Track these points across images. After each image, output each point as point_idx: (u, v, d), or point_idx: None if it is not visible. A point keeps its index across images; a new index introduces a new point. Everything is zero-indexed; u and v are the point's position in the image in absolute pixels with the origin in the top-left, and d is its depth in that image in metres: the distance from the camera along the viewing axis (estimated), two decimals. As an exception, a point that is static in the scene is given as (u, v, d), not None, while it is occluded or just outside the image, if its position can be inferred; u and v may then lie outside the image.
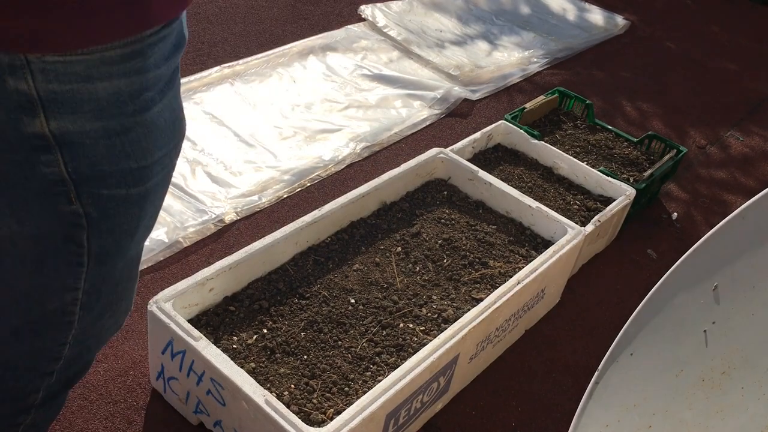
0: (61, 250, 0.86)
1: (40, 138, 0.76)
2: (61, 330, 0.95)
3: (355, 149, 2.35)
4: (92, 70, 0.75)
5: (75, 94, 0.75)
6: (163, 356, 1.43)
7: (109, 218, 0.86)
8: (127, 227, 0.89)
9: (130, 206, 0.87)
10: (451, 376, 1.57)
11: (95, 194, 0.83)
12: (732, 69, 3.44)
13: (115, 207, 0.85)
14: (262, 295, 1.59)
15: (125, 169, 0.83)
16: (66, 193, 0.81)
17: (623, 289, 2.07)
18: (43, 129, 0.76)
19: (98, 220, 0.85)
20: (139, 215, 0.90)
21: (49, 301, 0.91)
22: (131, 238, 0.92)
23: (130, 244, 0.93)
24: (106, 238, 0.88)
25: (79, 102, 0.76)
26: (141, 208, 0.89)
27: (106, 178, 0.82)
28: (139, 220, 0.91)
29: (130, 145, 0.82)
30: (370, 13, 3.16)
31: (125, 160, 0.83)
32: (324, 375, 1.45)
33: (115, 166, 0.82)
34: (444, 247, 1.83)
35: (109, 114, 0.79)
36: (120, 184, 0.84)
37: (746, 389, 1.01)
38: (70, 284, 0.90)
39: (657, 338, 1.12)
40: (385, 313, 1.61)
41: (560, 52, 3.24)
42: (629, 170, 2.33)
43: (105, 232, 0.87)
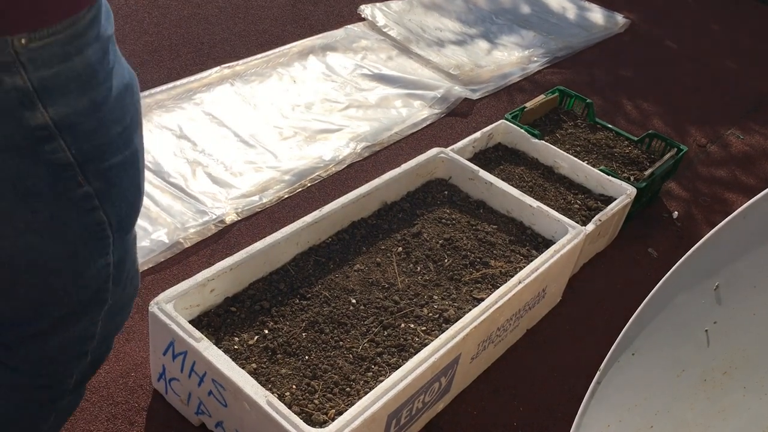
0: (84, 232, 0.90)
1: (43, 128, 0.80)
2: (98, 307, 1.00)
3: (355, 149, 2.35)
4: (67, 47, 0.79)
5: (61, 75, 0.79)
6: (165, 357, 1.43)
7: (115, 187, 0.91)
8: (130, 191, 0.95)
9: (127, 169, 0.92)
10: (452, 376, 1.57)
11: (99, 169, 0.87)
12: (732, 67, 3.44)
13: (117, 175, 0.90)
14: (263, 296, 1.59)
15: (114, 134, 0.88)
16: (74, 177, 0.85)
17: (624, 289, 2.07)
18: (45, 119, 0.79)
19: (107, 192, 0.90)
20: (136, 176, 0.95)
21: (88, 283, 0.96)
22: (137, 201, 0.98)
23: (137, 207, 0.98)
24: (119, 206, 0.93)
25: (66, 82, 0.80)
26: (136, 169, 0.95)
27: (103, 149, 0.87)
28: (138, 181, 0.96)
29: (110, 112, 0.86)
30: (370, 13, 3.16)
31: (113, 126, 0.87)
32: (325, 375, 1.45)
33: (106, 136, 0.87)
34: (445, 247, 1.83)
35: (89, 86, 0.83)
36: (115, 152, 0.88)
37: (748, 389, 1.01)
38: (102, 261, 0.95)
39: (658, 338, 1.12)
40: (386, 313, 1.61)
41: (560, 51, 3.24)
42: (630, 169, 2.33)
43: (116, 201, 0.92)
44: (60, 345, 1.00)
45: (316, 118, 2.47)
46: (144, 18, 2.83)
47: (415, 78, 2.78)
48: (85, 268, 0.94)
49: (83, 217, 0.89)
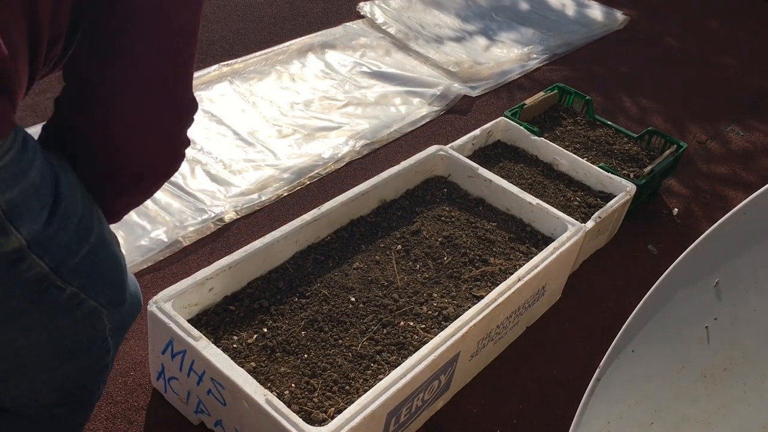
0: (79, 323, 0.91)
1: (17, 251, 0.79)
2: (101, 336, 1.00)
3: (354, 147, 2.35)
4: (23, 161, 0.78)
5: (23, 192, 0.78)
6: (164, 356, 1.43)
7: (93, 276, 0.90)
8: (109, 273, 0.94)
9: (98, 254, 0.91)
10: (452, 374, 1.56)
11: (71, 267, 0.86)
12: (732, 64, 3.43)
13: (91, 263, 0.89)
14: (262, 295, 1.59)
15: (73, 227, 0.86)
16: (54, 284, 0.84)
17: (624, 285, 2.06)
18: (19, 241, 0.79)
19: (89, 284, 0.89)
20: (110, 256, 0.94)
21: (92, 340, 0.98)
22: (120, 278, 0.97)
23: (123, 283, 0.98)
24: (104, 291, 0.93)
25: (28, 198, 0.79)
26: (106, 249, 0.93)
27: (70, 247, 0.85)
28: (115, 260, 0.96)
29: (65, 207, 0.85)
30: (369, 10, 3.15)
31: (70, 219, 0.85)
32: (325, 374, 1.45)
33: (70, 233, 0.85)
34: (444, 245, 1.82)
35: (44, 192, 0.81)
36: (80, 243, 0.87)
37: (748, 385, 1.01)
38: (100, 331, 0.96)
39: (658, 335, 1.12)
40: (385, 311, 1.61)
41: (559, 48, 3.23)
42: (629, 166, 2.32)
43: (100, 288, 0.92)
44: (84, 373, 1.03)
45: (315, 116, 2.46)
46: (142, 16, 2.82)
47: (414, 75, 2.78)
48: (80, 338, 0.95)
49: (74, 313, 0.90)
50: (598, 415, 1.13)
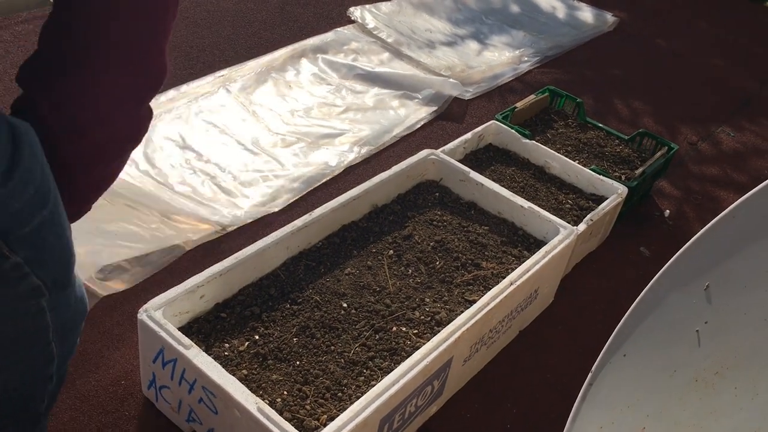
0: (17, 299, 0.86)
1: None
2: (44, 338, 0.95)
3: (360, 153, 2.34)
4: None
5: None
6: (155, 365, 1.42)
7: (42, 249, 0.87)
8: (57, 249, 0.90)
9: (50, 229, 0.88)
10: (445, 379, 1.56)
11: (20, 236, 0.82)
12: (722, 65, 3.45)
13: (41, 237, 0.86)
14: (253, 302, 1.58)
15: (28, 196, 0.83)
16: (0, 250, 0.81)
17: (616, 288, 2.06)
18: None
19: (36, 258, 0.85)
20: (61, 233, 0.91)
21: (31, 332, 0.92)
22: (69, 258, 0.93)
23: (71, 263, 0.93)
24: (52, 268, 0.89)
25: None
26: (59, 226, 0.90)
27: (22, 216, 0.82)
28: (65, 238, 0.92)
29: (22, 174, 0.81)
30: (360, 15, 3.15)
31: (27, 188, 0.82)
32: (317, 381, 1.44)
33: (23, 201, 0.82)
34: (436, 249, 1.82)
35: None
36: (33, 214, 0.84)
37: (739, 389, 1.01)
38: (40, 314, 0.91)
39: (650, 339, 1.11)
40: (377, 316, 1.61)
41: (550, 51, 3.24)
42: (621, 168, 2.32)
43: (48, 263, 0.88)
44: (21, 380, 0.97)
45: (317, 123, 2.45)
46: (132, 22, 2.81)
47: (409, 76, 2.77)
48: (21, 324, 0.90)
49: (15, 287, 0.85)
50: (591, 421, 1.13)
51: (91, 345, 1.61)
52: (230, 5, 3.10)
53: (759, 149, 2.85)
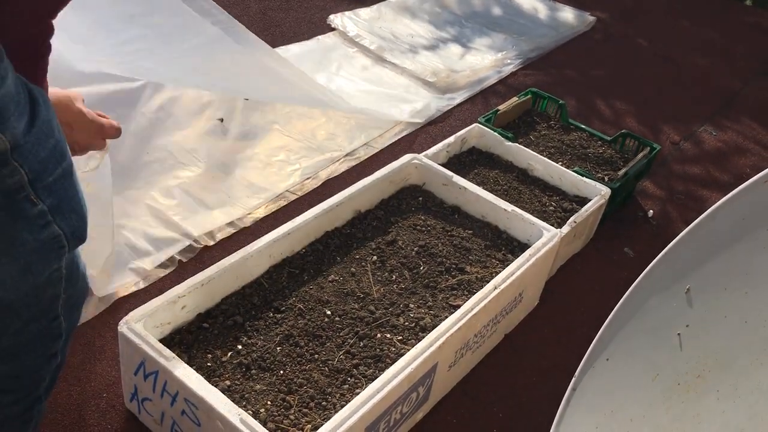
0: (40, 247, 0.92)
1: (2, 154, 0.82)
2: (54, 305, 1.02)
3: (337, 164, 2.31)
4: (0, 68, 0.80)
5: (4, 96, 0.81)
6: (136, 377, 1.41)
7: (63, 200, 0.93)
8: (75, 200, 0.96)
9: (68, 180, 0.94)
10: (430, 385, 1.55)
11: (45, 185, 0.89)
12: (704, 64, 3.47)
13: (62, 187, 0.92)
14: (236, 311, 1.57)
15: (50, 148, 0.89)
16: (27, 197, 0.87)
17: (601, 289, 2.06)
18: (3, 143, 0.81)
19: (58, 206, 0.92)
20: (76, 186, 0.97)
21: (46, 295, 0.98)
22: (84, 210, 0.99)
23: (86, 216, 1.00)
24: (70, 218, 0.94)
25: (8, 102, 0.81)
26: (74, 179, 0.96)
27: (45, 165, 0.88)
28: (79, 191, 0.98)
29: (42, 124, 0.88)
30: (340, 23, 3.13)
31: (46, 140, 0.89)
32: (301, 390, 1.43)
33: (47, 151, 0.89)
34: (420, 254, 1.81)
35: (21, 102, 0.84)
36: (55, 165, 0.90)
37: (721, 392, 1.01)
38: (56, 269, 0.97)
39: (632, 343, 1.11)
40: (362, 323, 1.60)
41: (532, 52, 3.25)
42: (604, 169, 2.33)
43: (67, 213, 0.94)
44: (30, 349, 1.02)
45: (296, 134, 2.41)
46: (112, 30, 2.79)
47: (394, 91, 2.74)
48: (39, 279, 0.95)
49: (38, 233, 0.91)
50: (575, 425, 1.13)
51: (73, 357, 1.59)
52: (211, 11, 3.08)
53: (741, 148, 2.87)
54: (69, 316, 1.06)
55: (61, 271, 0.98)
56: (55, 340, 1.05)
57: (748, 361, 0.98)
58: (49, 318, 1.02)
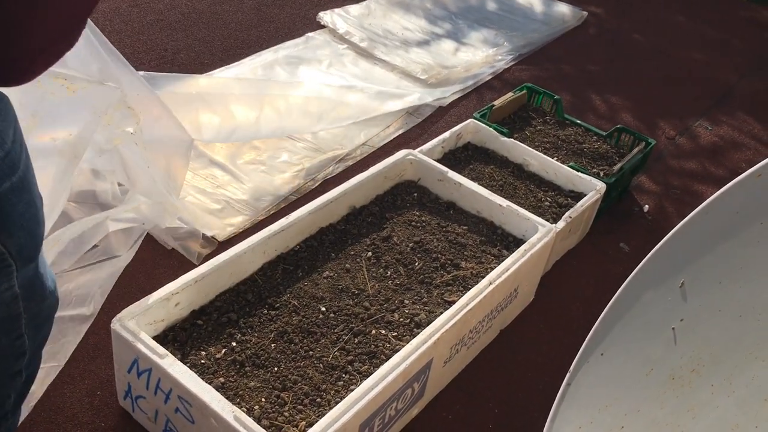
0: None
1: None
2: (14, 324, 0.95)
3: (331, 164, 2.30)
4: None
5: None
6: (130, 375, 1.40)
7: (9, 216, 0.85)
8: (26, 218, 0.89)
9: (19, 196, 0.86)
10: (425, 382, 1.55)
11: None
12: (699, 58, 3.46)
13: (9, 203, 0.85)
14: (230, 308, 1.56)
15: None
16: None
17: (597, 284, 2.06)
18: None
19: (2, 222, 0.84)
20: (31, 201, 0.90)
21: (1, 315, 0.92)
22: (37, 228, 0.92)
23: (39, 234, 0.93)
24: (17, 236, 0.88)
25: None
26: (29, 193, 0.89)
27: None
28: (34, 207, 0.91)
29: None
30: (330, 20, 3.10)
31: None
32: (295, 387, 1.43)
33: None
34: (415, 250, 1.81)
35: None
36: (1, 179, 0.83)
37: (716, 386, 1.00)
38: (7, 288, 0.90)
39: (626, 337, 1.11)
40: (356, 320, 1.59)
41: (524, 48, 3.23)
42: (599, 164, 2.33)
43: (13, 230, 0.87)
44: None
45: (288, 134, 2.39)
46: (105, 27, 2.78)
47: (385, 88, 2.72)
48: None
49: None
50: (569, 420, 1.12)
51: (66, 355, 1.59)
52: (205, 7, 3.08)
53: (736, 142, 2.87)
54: (35, 334, 1.01)
55: (14, 290, 0.91)
56: (18, 359, 0.99)
57: (743, 355, 0.98)
58: (11, 337, 0.96)
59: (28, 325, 0.97)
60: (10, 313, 0.93)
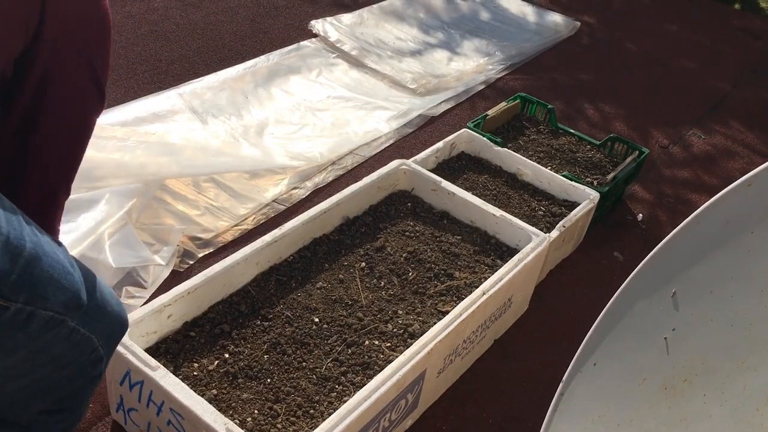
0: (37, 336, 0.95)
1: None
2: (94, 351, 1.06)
3: (324, 173, 2.30)
4: None
5: None
6: (122, 387, 1.39)
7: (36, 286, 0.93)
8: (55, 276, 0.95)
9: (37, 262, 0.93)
10: (419, 392, 1.54)
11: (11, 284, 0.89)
12: (692, 67, 3.48)
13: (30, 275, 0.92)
14: (223, 319, 1.56)
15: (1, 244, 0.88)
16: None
17: (591, 293, 2.06)
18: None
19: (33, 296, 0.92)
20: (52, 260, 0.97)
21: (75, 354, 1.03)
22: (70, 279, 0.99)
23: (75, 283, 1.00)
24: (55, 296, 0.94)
25: None
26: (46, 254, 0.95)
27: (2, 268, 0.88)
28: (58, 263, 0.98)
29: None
30: (321, 28, 3.10)
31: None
32: (288, 398, 1.42)
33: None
34: (409, 260, 1.81)
35: None
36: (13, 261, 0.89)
37: (708, 396, 1.00)
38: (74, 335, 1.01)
39: (619, 347, 1.11)
40: (350, 330, 1.59)
41: (516, 57, 3.23)
42: (593, 173, 2.33)
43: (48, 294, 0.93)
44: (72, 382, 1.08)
45: (276, 143, 2.36)
46: (99, 37, 2.78)
47: (373, 98, 2.72)
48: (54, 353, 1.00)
49: (27, 327, 0.91)
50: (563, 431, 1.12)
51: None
52: (200, 18, 3.08)
53: (729, 151, 2.88)
54: (108, 344, 1.10)
55: (78, 333, 1.00)
56: (96, 365, 1.09)
57: (734, 364, 0.98)
58: (87, 354, 1.05)
59: (102, 343, 1.06)
60: (83, 350, 1.03)
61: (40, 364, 0.99)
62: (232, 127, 2.41)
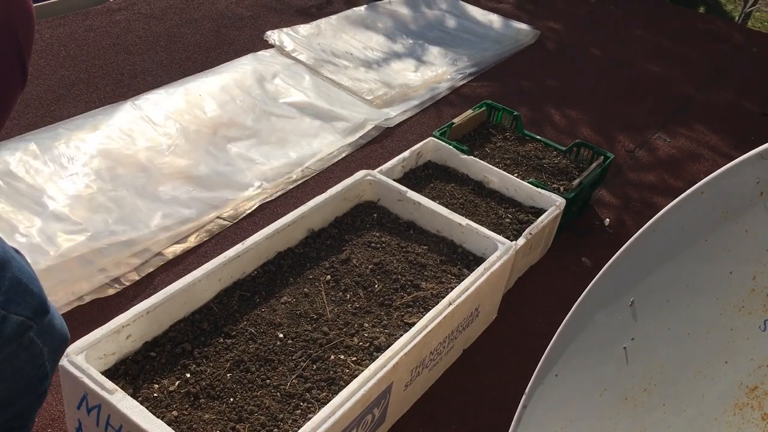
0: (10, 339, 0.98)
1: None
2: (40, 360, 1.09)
3: (263, 187, 2.26)
4: None
5: None
6: (80, 411, 1.36)
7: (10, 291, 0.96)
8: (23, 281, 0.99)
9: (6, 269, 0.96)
10: (386, 407, 1.53)
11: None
12: (656, 71, 3.52)
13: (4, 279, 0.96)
14: (184, 338, 1.53)
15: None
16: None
17: (560, 300, 2.06)
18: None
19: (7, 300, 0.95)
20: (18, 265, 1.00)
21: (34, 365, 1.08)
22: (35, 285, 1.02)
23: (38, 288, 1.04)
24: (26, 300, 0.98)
25: None
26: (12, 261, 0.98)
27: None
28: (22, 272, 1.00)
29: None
30: (277, 38, 3.07)
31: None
32: (252, 417, 1.40)
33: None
34: (375, 272, 1.79)
35: None
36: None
37: (668, 405, 1.00)
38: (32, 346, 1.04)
39: (580, 358, 1.10)
40: (315, 345, 1.57)
41: (474, 67, 3.21)
42: (559, 180, 2.34)
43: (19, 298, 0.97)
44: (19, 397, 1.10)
45: (227, 153, 2.33)
46: (60, 52, 2.74)
47: (329, 108, 2.68)
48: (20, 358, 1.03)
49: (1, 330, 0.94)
50: (525, 444, 1.11)
51: (15, 393, 1.54)
52: (163, 30, 3.05)
53: (694, 154, 2.91)
54: (53, 362, 1.13)
55: (35, 345, 1.02)
56: (42, 381, 1.12)
57: (692, 373, 0.97)
58: (35, 368, 1.07)
59: (48, 355, 1.09)
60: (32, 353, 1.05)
61: (3, 377, 1.01)
62: (196, 141, 2.36)
